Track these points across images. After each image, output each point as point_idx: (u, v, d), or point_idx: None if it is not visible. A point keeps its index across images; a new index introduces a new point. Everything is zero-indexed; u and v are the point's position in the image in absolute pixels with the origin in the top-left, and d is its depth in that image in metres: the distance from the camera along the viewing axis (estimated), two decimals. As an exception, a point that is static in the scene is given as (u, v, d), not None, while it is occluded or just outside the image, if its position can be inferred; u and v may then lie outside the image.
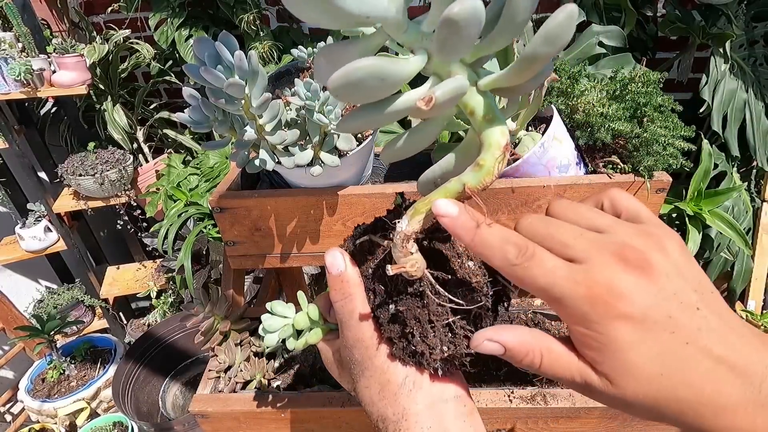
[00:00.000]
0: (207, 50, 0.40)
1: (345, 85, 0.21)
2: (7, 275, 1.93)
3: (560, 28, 0.21)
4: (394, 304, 0.31)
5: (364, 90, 0.23)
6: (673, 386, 0.22)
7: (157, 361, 1.52)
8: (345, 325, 0.32)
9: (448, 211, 0.25)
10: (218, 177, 1.51)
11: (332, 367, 0.37)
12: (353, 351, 0.32)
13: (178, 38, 1.59)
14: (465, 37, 0.21)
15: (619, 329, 0.22)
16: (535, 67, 0.23)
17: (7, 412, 1.91)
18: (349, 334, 0.32)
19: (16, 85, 1.39)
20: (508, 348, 0.26)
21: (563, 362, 0.25)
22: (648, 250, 0.23)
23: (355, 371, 0.33)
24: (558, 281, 0.23)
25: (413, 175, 0.74)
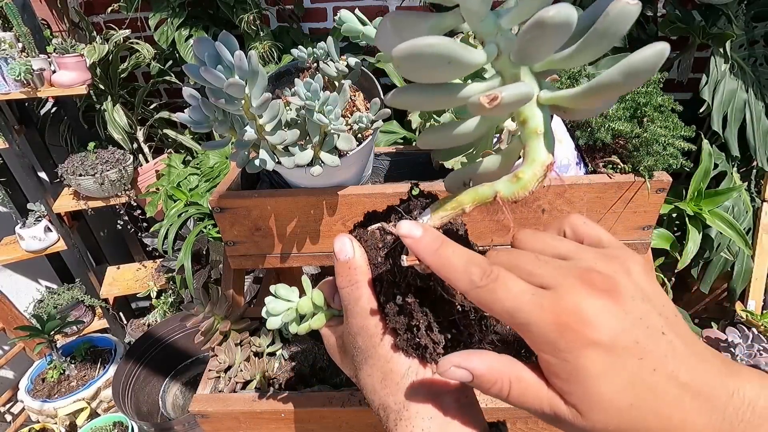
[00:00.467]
0: (207, 50, 0.40)
1: (411, 58, 0.21)
2: (7, 275, 1.93)
3: (645, 64, 0.20)
4: (402, 295, 0.31)
5: (429, 68, 0.22)
6: (643, 416, 0.22)
7: (157, 361, 1.52)
8: (350, 312, 0.32)
9: (410, 233, 0.25)
10: (218, 177, 1.51)
11: (335, 352, 0.37)
12: (357, 338, 0.32)
13: (178, 38, 1.59)
14: (549, 44, 0.21)
15: (588, 357, 0.22)
16: (606, 96, 0.22)
17: (7, 412, 1.91)
18: (353, 321, 0.32)
19: (16, 85, 1.39)
20: (476, 375, 0.25)
21: (532, 392, 0.24)
22: (613, 273, 0.23)
23: (358, 358, 0.33)
24: (524, 306, 0.23)
25: (413, 175, 0.74)
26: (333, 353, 0.37)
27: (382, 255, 0.32)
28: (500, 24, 0.23)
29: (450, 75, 0.23)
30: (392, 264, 0.31)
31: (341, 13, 0.53)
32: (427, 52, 0.20)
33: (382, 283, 0.32)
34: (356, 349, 0.32)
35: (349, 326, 0.32)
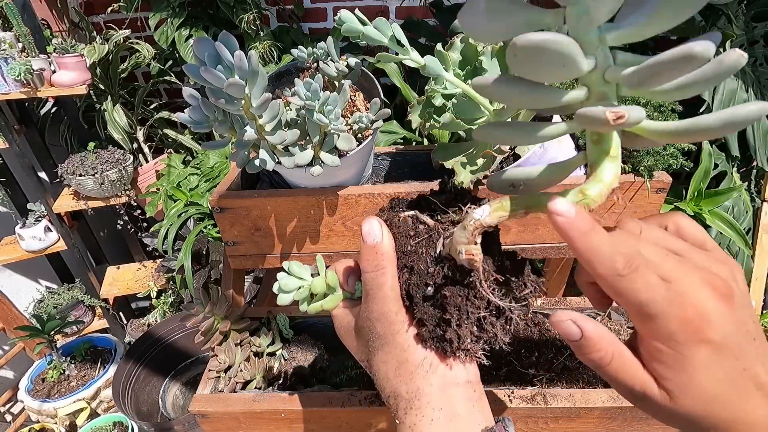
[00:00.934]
0: (207, 50, 0.40)
1: (532, 51, 0.20)
2: (7, 275, 1.93)
3: (747, 119, 0.20)
4: (434, 287, 0.31)
5: (545, 65, 0.21)
6: (725, 408, 0.25)
7: (157, 361, 1.52)
8: (372, 297, 0.32)
9: (567, 211, 0.25)
10: (218, 177, 1.51)
11: (346, 335, 0.37)
12: (376, 324, 0.32)
13: (178, 38, 1.59)
14: (671, 76, 0.21)
15: (700, 351, 0.24)
16: (695, 138, 0.22)
17: (7, 412, 1.91)
18: (374, 306, 0.32)
19: (16, 85, 1.39)
20: (586, 336, 0.26)
21: (629, 369, 0.27)
22: (728, 279, 0.25)
23: (374, 344, 0.33)
24: (657, 299, 0.24)
25: (413, 175, 0.74)
26: (345, 335, 0.37)
27: (413, 243, 0.32)
28: (605, 38, 0.22)
29: (559, 77, 0.23)
30: (426, 253, 0.31)
31: (341, 13, 0.53)
32: (551, 48, 0.20)
33: (411, 272, 0.32)
34: (373, 334, 0.33)
35: (369, 311, 0.32)
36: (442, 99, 0.63)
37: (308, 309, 0.37)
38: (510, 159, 0.63)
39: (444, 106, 0.63)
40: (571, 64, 0.21)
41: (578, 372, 0.63)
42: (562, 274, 1.02)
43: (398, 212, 0.34)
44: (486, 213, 0.28)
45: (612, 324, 0.66)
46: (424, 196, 0.35)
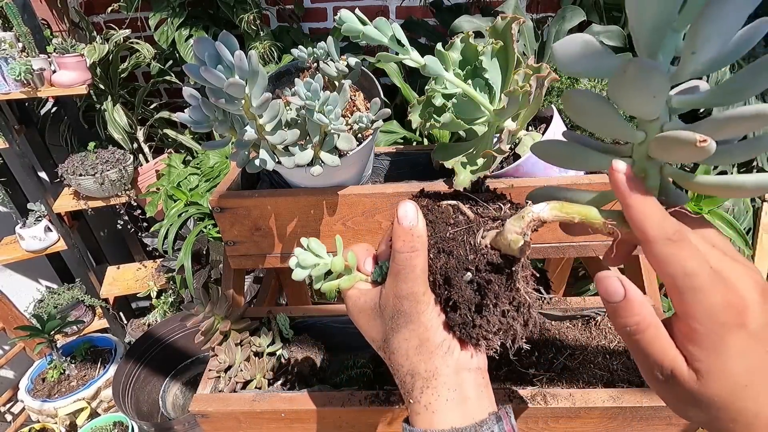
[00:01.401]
0: (207, 50, 0.40)
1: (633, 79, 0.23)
2: (8, 275, 1.93)
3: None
4: (474, 273, 0.32)
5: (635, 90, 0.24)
6: (752, 398, 0.25)
7: (157, 361, 1.52)
8: (403, 276, 0.32)
9: (620, 168, 0.27)
10: (218, 177, 1.51)
11: (360, 314, 0.37)
12: (403, 302, 0.33)
13: (178, 38, 1.59)
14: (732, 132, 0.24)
15: (737, 337, 0.24)
16: (743, 195, 0.25)
17: (8, 412, 1.91)
18: (404, 285, 0.32)
19: (17, 85, 1.39)
20: (628, 298, 0.26)
21: (661, 344, 0.27)
22: (762, 281, 0.26)
23: (397, 322, 0.33)
24: (703, 274, 0.25)
25: (413, 175, 0.74)
26: (358, 314, 0.37)
27: (452, 231, 0.34)
28: (661, 126, 0.26)
29: (640, 112, 0.27)
30: (465, 241, 0.33)
31: (341, 12, 0.53)
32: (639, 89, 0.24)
33: (449, 257, 0.33)
34: (398, 312, 0.33)
35: (398, 289, 0.33)
36: (442, 99, 0.63)
37: (323, 287, 0.38)
38: (510, 159, 0.63)
39: (444, 106, 0.63)
40: (622, 133, 0.27)
41: (578, 372, 0.63)
42: (562, 274, 1.02)
43: (437, 201, 0.36)
44: (546, 209, 0.30)
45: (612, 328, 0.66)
46: (460, 191, 0.37)
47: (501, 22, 0.58)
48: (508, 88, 0.55)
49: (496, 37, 0.59)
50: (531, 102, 0.54)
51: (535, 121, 0.67)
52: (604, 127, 0.29)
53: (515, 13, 1.31)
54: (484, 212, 0.35)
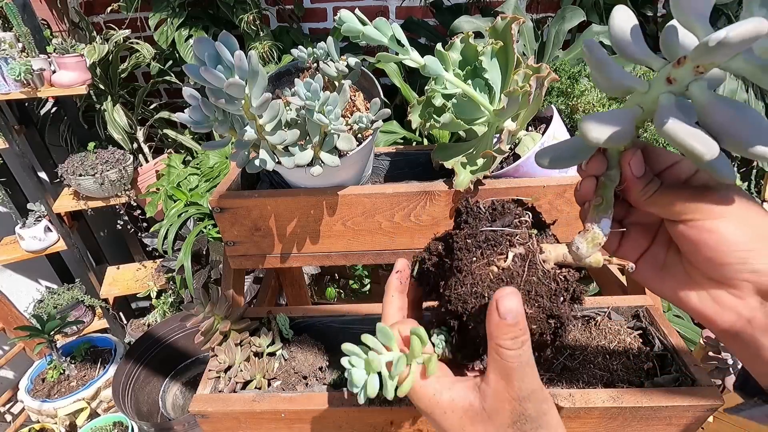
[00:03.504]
0: (207, 50, 0.40)
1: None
2: (7, 275, 1.93)
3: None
4: (564, 294, 0.31)
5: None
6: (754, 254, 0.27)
7: (157, 361, 1.52)
8: (518, 375, 0.28)
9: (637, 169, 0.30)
10: (218, 177, 1.51)
11: (447, 415, 0.30)
12: (526, 405, 0.28)
13: (178, 38, 1.59)
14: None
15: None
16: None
17: (7, 412, 1.91)
18: (522, 385, 0.28)
19: (16, 85, 1.39)
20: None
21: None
22: None
23: (521, 428, 0.29)
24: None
25: (413, 175, 0.74)
26: (443, 414, 0.30)
27: (507, 274, 0.30)
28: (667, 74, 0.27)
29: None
30: (536, 277, 0.30)
31: (341, 13, 0.53)
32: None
33: (536, 299, 0.30)
34: (524, 418, 0.28)
35: (515, 391, 0.28)
36: (442, 99, 0.63)
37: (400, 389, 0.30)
38: (510, 159, 0.63)
39: (444, 106, 0.63)
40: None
41: (578, 372, 0.63)
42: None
43: (489, 257, 0.31)
44: (608, 227, 0.31)
45: (612, 324, 0.66)
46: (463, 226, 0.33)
47: (501, 22, 0.58)
48: (508, 88, 0.55)
49: (496, 38, 0.59)
50: (531, 102, 0.54)
51: (535, 122, 0.67)
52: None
53: (515, 13, 1.31)
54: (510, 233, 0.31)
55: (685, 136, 0.24)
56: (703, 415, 0.55)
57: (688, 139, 0.24)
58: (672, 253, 0.33)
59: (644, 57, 0.29)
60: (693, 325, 1.21)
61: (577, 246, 0.31)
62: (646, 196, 0.30)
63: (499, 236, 0.31)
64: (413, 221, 0.63)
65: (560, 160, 0.32)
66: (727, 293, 0.29)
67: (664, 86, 0.27)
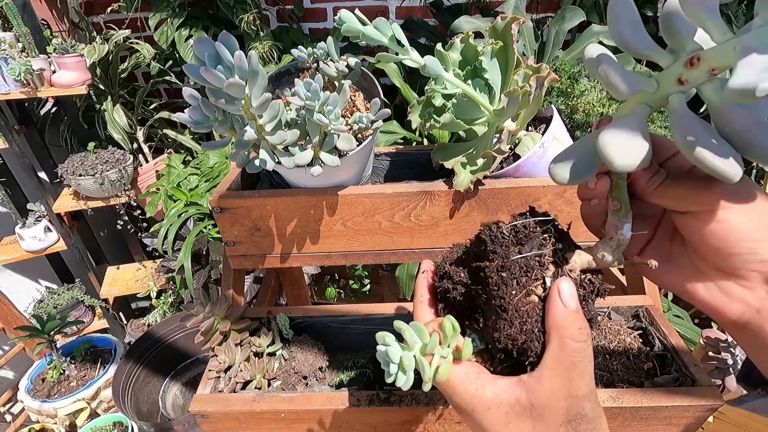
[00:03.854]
0: (207, 50, 0.40)
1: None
2: (7, 275, 1.93)
3: None
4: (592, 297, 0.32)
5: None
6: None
7: (157, 361, 1.52)
8: (580, 371, 0.28)
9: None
10: (218, 177, 1.51)
11: (489, 411, 0.29)
12: (584, 403, 0.27)
13: (178, 38, 1.59)
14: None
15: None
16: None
17: (7, 412, 1.91)
18: (582, 382, 0.28)
19: (16, 85, 1.39)
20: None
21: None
22: None
23: (578, 428, 0.28)
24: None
25: (413, 175, 0.74)
26: (485, 411, 0.29)
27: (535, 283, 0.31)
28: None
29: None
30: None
31: (341, 13, 0.53)
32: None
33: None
34: (580, 417, 0.28)
35: (574, 387, 0.28)
36: (442, 99, 0.63)
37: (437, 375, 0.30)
38: (510, 159, 0.63)
39: (444, 106, 0.63)
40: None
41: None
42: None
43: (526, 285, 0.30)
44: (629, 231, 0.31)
45: (612, 324, 0.66)
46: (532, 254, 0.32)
47: (501, 22, 0.58)
48: (508, 88, 0.55)
49: (496, 38, 0.59)
50: (531, 102, 0.54)
51: (534, 122, 0.67)
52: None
53: (515, 13, 1.31)
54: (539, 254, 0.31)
55: (715, 162, 0.23)
56: (703, 415, 0.55)
57: (718, 165, 0.23)
58: (677, 245, 0.32)
59: (650, 52, 0.27)
60: (693, 325, 1.21)
61: (603, 254, 0.31)
62: (651, 188, 0.29)
63: (529, 260, 0.31)
64: (413, 221, 0.63)
65: (580, 176, 0.31)
66: (735, 284, 0.28)
67: (674, 86, 0.26)
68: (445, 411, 0.59)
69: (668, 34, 0.26)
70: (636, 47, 0.28)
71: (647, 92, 0.27)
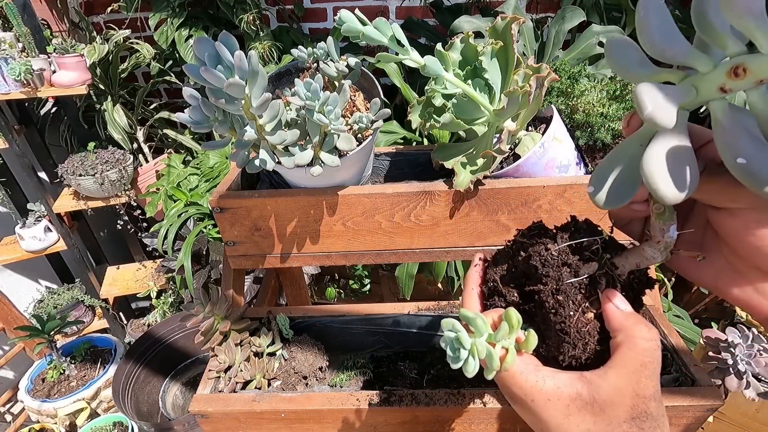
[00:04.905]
0: (207, 50, 0.40)
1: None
2: (7, 275, 1.93)
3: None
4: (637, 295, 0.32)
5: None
6: None
7: (157, 361, 1.52)
8: (650, 372, 0.28)
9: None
10: (218, 177, 1.51)
11: (551, 403, 0.29)
12: (650, 403, 0.28)
13: (178, 38, 1.59)
14: None
15: None
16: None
17: (7, 412, 1.91)
18: (652, 384, 0.28)
19: (17, 85, 1.39)
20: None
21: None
22: None
23: (640, 426, 0.27)
24: None
25: (413, 175, 0.74)
26: (546, 402, 0.29)
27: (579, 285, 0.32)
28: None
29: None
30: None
31: (341, 13, 0.53)
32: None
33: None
34: (645, 415, 0.27)
35: (643, 387, 0.28)
36: (442, 99, 0.63)
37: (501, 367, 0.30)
38: (510, 159, 0.63)
39: (444, 106, 0.63)
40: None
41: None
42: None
43: (582, 304, 0.31)
44: (676, 231, 0.29)
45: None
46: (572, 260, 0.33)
47: (501, 22, 0.58)
48: (508, 88, 0.55)
49: (496, 38, 0.59)
50: (531, 102, 0.54)
51: (535, 122, 0.67)
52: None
53: (515, 13, 1.31)
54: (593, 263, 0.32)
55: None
56: (703, 415, 0.55)
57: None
58: (710, 238, 0.30)
59: (688, 58, 0.24)
60: (693, 325, 1.21)
61: (653, 256, 0.31)
62: None
63: (582, 280, 0.31)
64: (413, 221, 0.63)
65: (622, 199, 0.29)
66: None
67: (715, 93, 0.23)
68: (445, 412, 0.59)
69: (703, 29, 0.23)
70: (673, 55, 0.24)
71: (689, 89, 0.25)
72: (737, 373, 0.98)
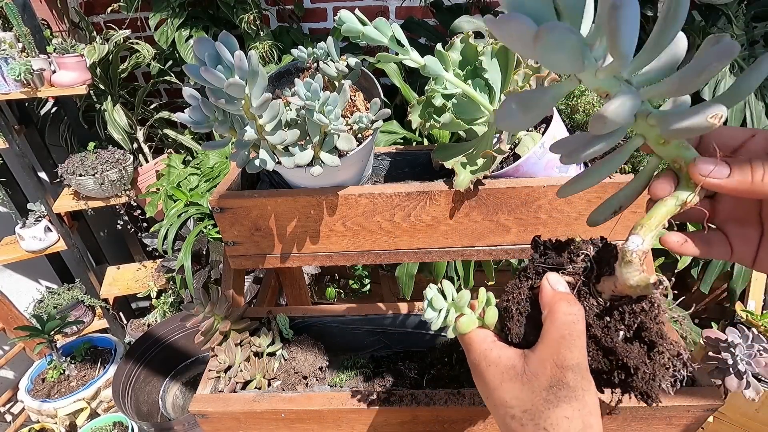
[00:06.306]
0: (207, 50, 0.40)
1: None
2: (7, 275, 1.93)
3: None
4: (625, 329, 0.32)
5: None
6: None
7: (157, 361, 1.52)
8: (567, 343, 0.30)
9: (720, 174, 0.27)
10: (218, 177, 1.51)
11: (491, 368, 0.33)
12: (567, 373, 0.30)
13: (178, 38, 1.59)
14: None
15: None
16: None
17: (7, 412, 1.91)
18: (570, 354, 0.30)
19: (16, 85, 1.39)
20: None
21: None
22: None
23: (556, 394, 0.30)
24: None
25: (413, 175, 0.74)
26: (488, 367, 0.33)
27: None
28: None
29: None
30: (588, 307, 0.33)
31: (341, 13, 0.53)
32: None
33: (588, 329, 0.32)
34: (561, 384, 0.30)
35: (561, 357, 0.30)
36: (442, 99, 0.63)
37: (456, 328, 0.36)
38: (510, 159, 0.63)
39: (444, 106, 0.63)
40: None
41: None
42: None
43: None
44: (642, 241, 0.29)
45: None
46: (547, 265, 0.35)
47: (501, 22, 0.58)
48: (508, 88, 0.55)
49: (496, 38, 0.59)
50: (531, 102, 0.54)
51: (535, 121, 0.67)
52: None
53: (515, 13, 1.31)
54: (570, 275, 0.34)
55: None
56: (703, 415, 0.55)
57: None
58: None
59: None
60: (693, 325, 1.21)
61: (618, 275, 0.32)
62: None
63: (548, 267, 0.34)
64: (413, 221, 0.63)
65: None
66: None
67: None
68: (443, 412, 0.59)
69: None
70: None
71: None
72: (737, 373, 0.98)
